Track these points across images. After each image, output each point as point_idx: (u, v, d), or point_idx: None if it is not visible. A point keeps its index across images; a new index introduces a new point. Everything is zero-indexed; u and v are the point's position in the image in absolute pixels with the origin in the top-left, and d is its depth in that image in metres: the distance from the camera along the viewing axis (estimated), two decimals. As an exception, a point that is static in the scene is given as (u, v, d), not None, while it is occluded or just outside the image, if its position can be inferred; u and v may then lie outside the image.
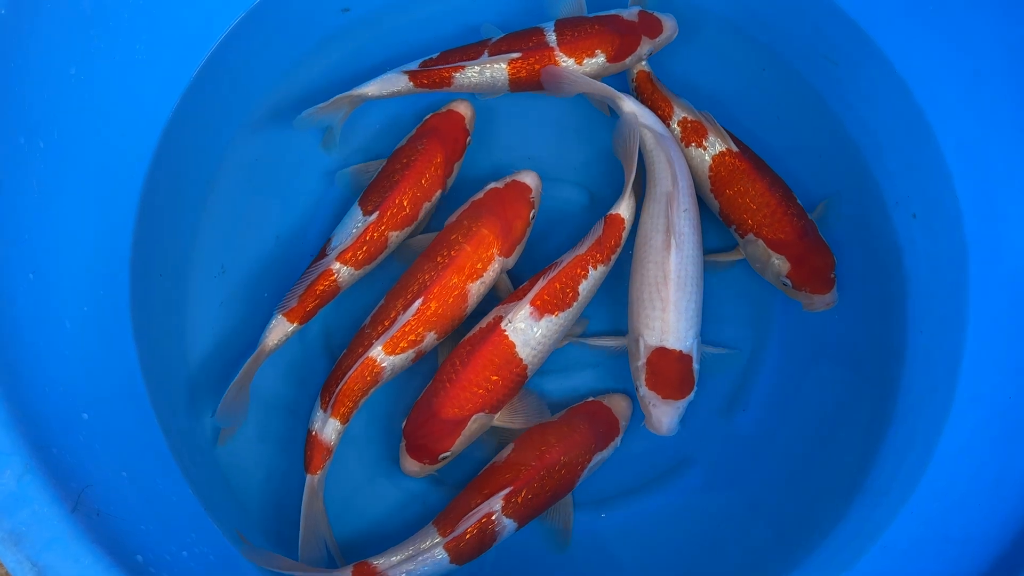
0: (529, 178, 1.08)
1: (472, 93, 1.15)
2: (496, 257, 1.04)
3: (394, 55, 1.17)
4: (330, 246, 1.06)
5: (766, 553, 1.05)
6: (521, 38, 1.11)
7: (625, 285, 1.06)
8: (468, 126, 1.12)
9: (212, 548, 0.93)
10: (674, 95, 1.13)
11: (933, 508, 0.95)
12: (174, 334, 1.08)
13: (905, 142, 1.10)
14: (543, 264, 1.08)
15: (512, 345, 1.00)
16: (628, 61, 1.12)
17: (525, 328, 1.00)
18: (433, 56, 1.12)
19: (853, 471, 1.04)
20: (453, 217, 1.07)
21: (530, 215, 1.07)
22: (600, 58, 1.10)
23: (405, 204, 1.06)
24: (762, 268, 1.09)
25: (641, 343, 1.01)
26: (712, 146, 1.09)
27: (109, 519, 0.77)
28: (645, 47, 1.12)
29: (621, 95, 1.08)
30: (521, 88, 1.12)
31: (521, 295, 1.02)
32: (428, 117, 1.12)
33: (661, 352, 1.00)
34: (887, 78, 1.11)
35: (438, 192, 1.09)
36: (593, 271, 1.03)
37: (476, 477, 1.01)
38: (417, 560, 0.95)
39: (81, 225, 0.97)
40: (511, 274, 1.11)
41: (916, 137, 1.09)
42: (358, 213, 1.07)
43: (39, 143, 0.92)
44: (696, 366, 1.01)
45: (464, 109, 1.12)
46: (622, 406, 1.07)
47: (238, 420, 1.04)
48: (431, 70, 1.10)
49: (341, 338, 1.11)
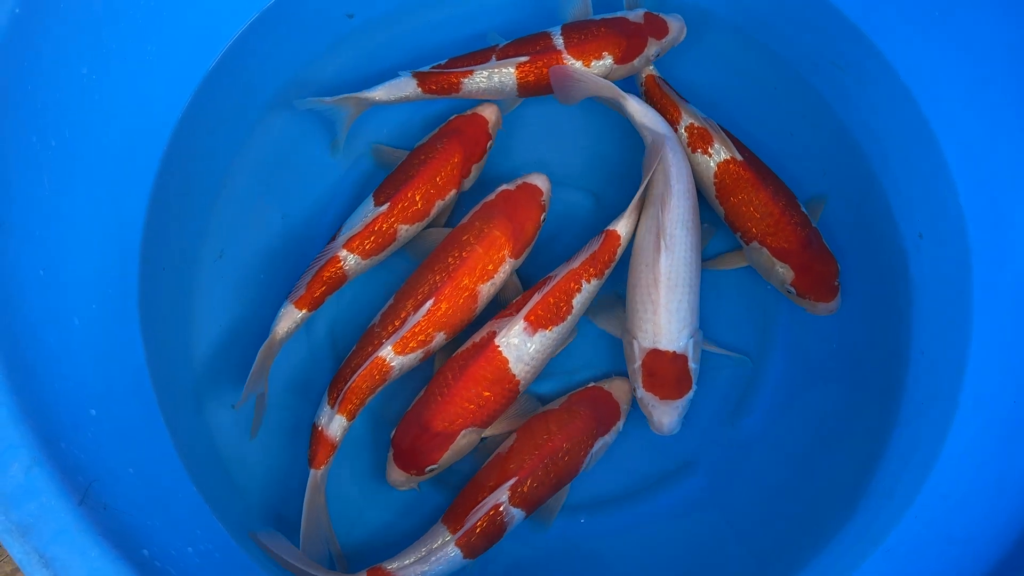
0: (540, 180, 1.09)
1: (481, 99, 1.15)
2: (507, 259, 1.05)
3: (401, 62, 1.18)
4: (340, 235, 1.07)
5: (770, 557, 1.05)
6: (528, 42, 1.11)
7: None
8: (491, 130, 1.12)
9: (216, 545, 0.93)
10: (683, 100, 1.14)
11: (937, 511, 0.95)
12: (181, 332, 1.09)
13: (910, 148, 1.10)
14: (547, 267, 1.08)
15: (505, 361, 1.00)
16: (636, 63, 1.13)
17: (519, 344, 1.00)
18: (441, 63, 1.13)
19: (857, 475, 1.04)
20: (464, 218, 1.08)
21: (540, 217, 1.08)
22: (607, 60, 1.11)
23: (417, 199, 1.07)
24: (767, 275, 1.09)
25: (636, 345, 1.01)
26: (717, 153, 1.10)
27: (116, 513, 0.77)
28: (652, 48, 1.12)
29: (626, 95, 1.09)
30: (529, 92, 1.13)
31: (515, 310, 1.02)
32: (453, 117, 1.13)
33: (655, 354, 1.00)
34: (892, 85, 1.11)
35: (453, 192, 1.10)
36: (587, 285, 1.04)
37: (480, 469, 1.02)
38: (431, 560, 0.95)
39: (91, 223, 0.98)
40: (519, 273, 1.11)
41: (921, 144, 1.09)
42: (370, 204, 1.08)
43: (51, 142, 0.93)
44: (693, 365, 1.01)
45: (490, 113, 1.12)
46: (623, 390, 1.07)
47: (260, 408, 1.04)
48: (439, 75, 1.11)
49: (347, 341, 1.11)
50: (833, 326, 1.12)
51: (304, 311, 1.05)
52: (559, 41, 1.11)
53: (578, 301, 1.03)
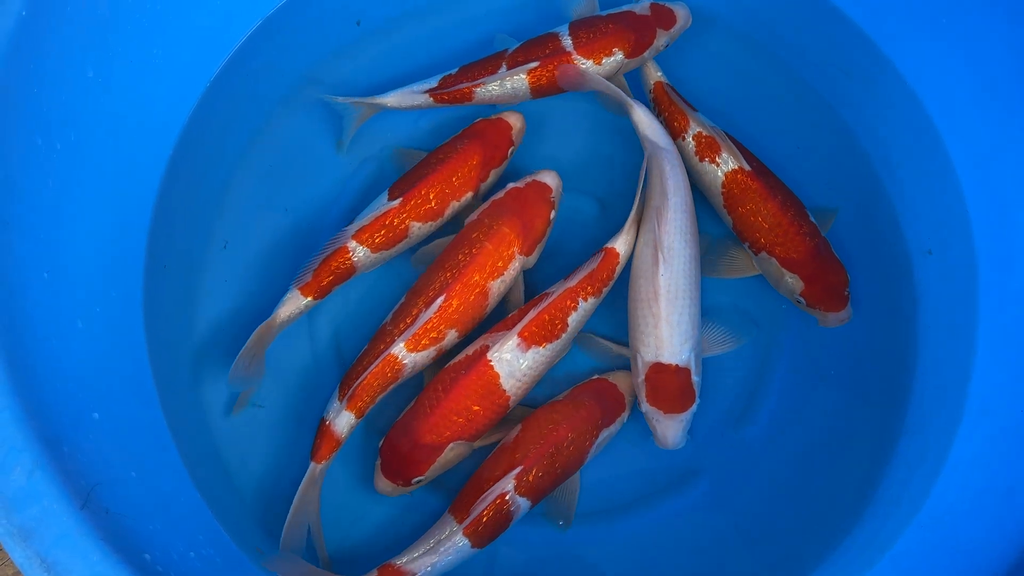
0: (549, 178, 1.09)
1: (495, 105, 1.15)
2: (517, 255, 1.05)
3: (409, 64, 1.18)
4: (352, 225, 1.07)
5: (775, 566, 1.04)
6: (537, 46, 1.11)
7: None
8: (514, 137, 1.12)
9: (218, 550, 0.93)
10: (691, 108, 1.13)
11: (944, 520, 0.95)
12: (185, 335, 1.09)
13: (916, 154, 1.10)
14: (549, 271, 1.08)
15: (496, 376, 1.00)
16: (646, 55, 1.13)
17: (511, 359, 1.00)
18: (452, 72, 1.13)
19: (863, 483, 1.04)
20: (474, 216, 1.07)
21: (550, 214, 1.07)
22: (618, 56, 1.11)
23: (431, 197, 1.07)
24: (776, 285, 1.09)
25: (639, 359, 1.01)
26: (725, 163, 1.09)
27: (118, 517, 0.77)
28: (662, 39, 1.12)
29: (632, 103, 1.08)
30: (543, 94, 1.13)
31: (510, 325, 1.01)
32: (478, 120, 1.13)
33: (658, 367, 1.00)
34: (899, 90, 1.11)
35: (469, 194, 1.09)
36: (583, 303, 1.03)
37: (486, 460, 1.01)
38: (439, 551, 0.95)
39: (96, 226, 0.98)
40: (528, 279, 1.11)
41: (927, 149, 1.09)
42: (384, 198, 1.08)
43: (56, 144, 0.93)
44: (696, 378, 1.00)
45: (515, 120, 1.12)
46: (627, 382, 1.06)
47: (250, 384, 1.05)
48: (452, 90, 1.11)
49: (351, 346, 1.11)
50: (839, 332, 1.11)
51: (309, 298, 1.05)
52: (567, 42, 1.10)
53: (573, 319, 1.03)
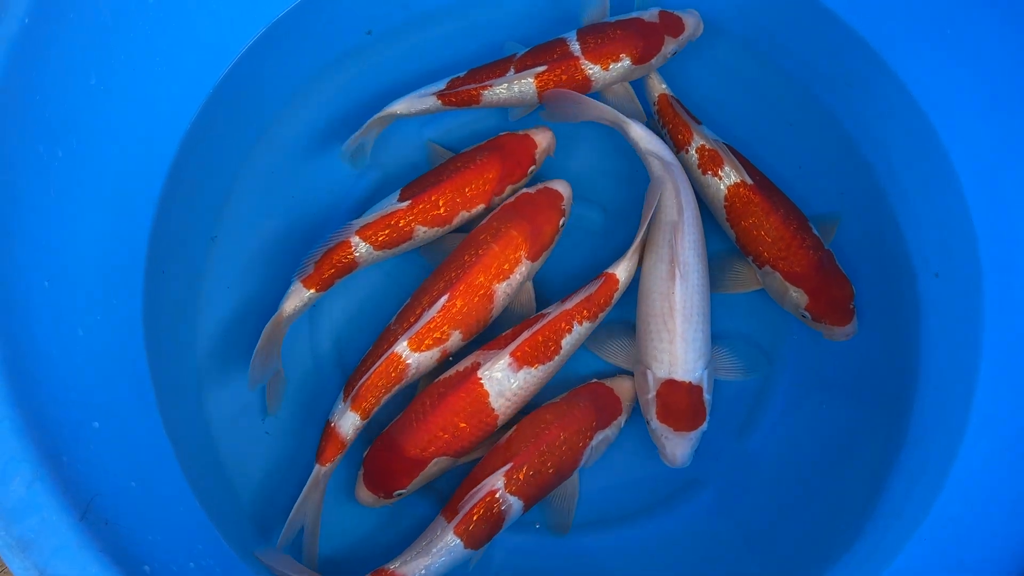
0: (561, 186, 1.08)
1: (502, 108, 1.15)
2: (523, 260, 1.04)
3: (416, 70, 1.18)
4: (358, 220, 1.07)
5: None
6: (545, 51, 1.11)
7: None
8: (538, 155, 1.11)
9: (219, 560, 0.93)
10: (695, 121, 1.13)
11: (946, 533, 0.94)
12: (186, 343, 1.08)
13: (920, 165, 1.10)
14: (549, 277, 1.08)
15: (486, 394, 0.99)
16: (654, 61, 1.13)
17: (502, 378, 0.99)
18: (460, 75, 1.13)
19: (865, 495, 1.03)
20: (483, 220, 1.07)
21: (560, 222, 1.07)
22: (625, 62, 1.11)
23: (441, 204, 1.06)
24: (780, 300, 1.08)
25: (650, 376, 1.00)
26: (727, 176, 1.09)
27: (117, 528, 0.77)
28: (670, 46, 1.12)
29: (628, 121, 1.08)
30: None
31: (503, 343, 1.01)
32: (504, 133, 1.11)
33: (671, 384, 0.99)
34: (902, 101, 1.11)
35: (481, 206, 1.09)
36: (578, 327, 1.03)
37: (479, 462, 1.01)
38: (432, 552, 0.94)
39: (97, 233, 0.98)
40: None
41: (931, 160, 1.08)
42: (394, 197, 1.08)
43: (58, 152, 0.93)
44: (707, 396, 1.00)
45: (541, 139, 1.11)
46: (625, 387, 1.06)
47: (267, 378, 1.04)
48: (459, 91, 1.11)
49: (352, 354, 1.11)
50: (842, 344, 1.11)
51: (312, 291, 1.05)
52: (575, 47, 1.10)
53: (567, 342, 1.02)
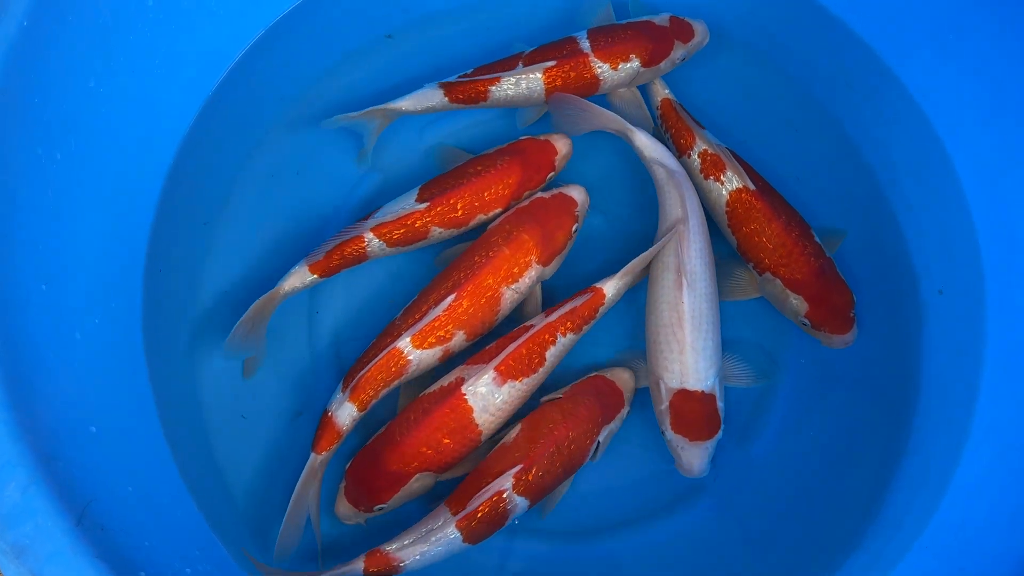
0: (576, 192, 1.08)
1: (508, 114, 1.14)
2: (534, 264, 1.04)
3: (419, 73, 1.17)
4: (374, 216, 1.07)
5: (777, 584, 1.03)
6: (555, 47, 1.11)
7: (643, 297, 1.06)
8: (558, 163, 1.10)
9: (216, 566, 0.93)
10: (698, 126, 1.13)
11: (948, 541, 0.94)
12: (185, 348, 1.08)
13: (923, 171, 1.09)
14: (559, 281, 1.07)
15: (470, 410, 0.98)
16: (663, 66, 1.12)
17: (486, 393, 0.99)
18: (467, 72, 1.12)
19: (866, 502, 1.03)
20: (496, 222, 1.07)
21: (572, 228, 1.06)
22: (635, 63, 1.10)
23: (459, 207, 1.06)
24: (780, 307, 1.08)
25: (662, 386, 1.00)
26: (729, 182, 1.08)
27: (113, 534, 0.77)
28: (678, 52, 1.12)
29: (634, 129, 1.07)
30: None
31: (487, 358, 1.00)
32: (524, 138, 1.11)
33: (683, 394, 0.99)
34: (905, 106, 1.10)
35: (498, 210, 1.08)
36: (562, 338, 1.02)
37: (486, 458, 1.00)
38: (430, 540, 0.94)
39: (95, 237, 0.98)
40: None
41: (934, 166, 1.08)
42: (412, 196, 1.07)
43: (56, 155, 0.93)
44: (721, 404, 1.00)
45: (562, 145, 1.10)
46: (624, 378, 1.05)
47: (246, 354, 1.05)
48: (466, 83, 1.10)
49: (351, 352, 1.10)
50: (843, 351, 1.10)
51: (315, 276, 1.05)
52: (585, 44, 1.10)
53: (551, 354, 1.02)
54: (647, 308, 1.04)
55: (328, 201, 1.17)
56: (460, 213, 1.06)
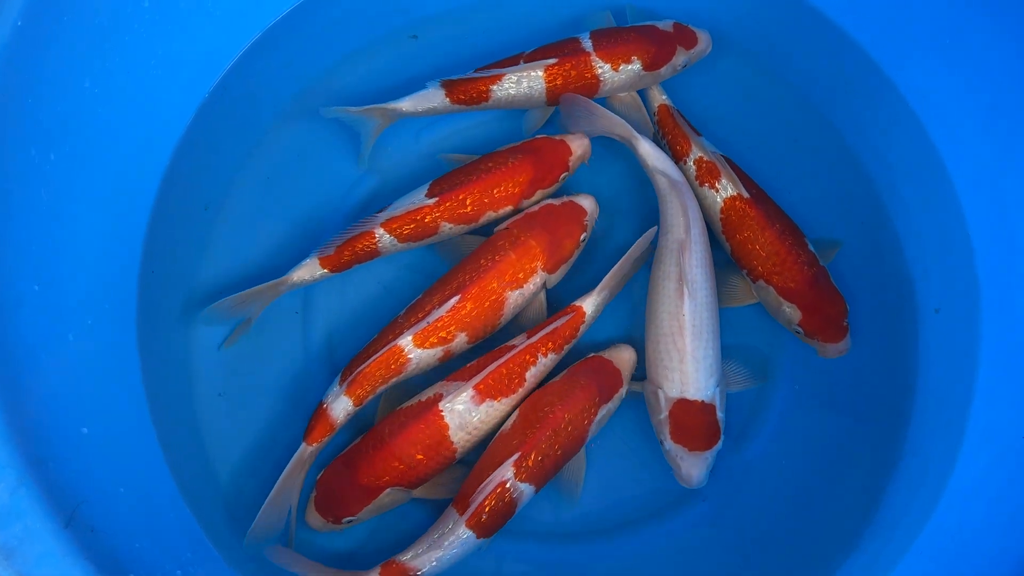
0: (586, 202, 1.08)
1: (509, 119, 1.14)
2: (539, 271, 1.04)
3: (417, 75, 1.17)
4: (384, 211, 1.07)
5: (773, 588, 1.03)
6: (556, 46, 1.11)
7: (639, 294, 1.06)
8: (572, 162, 1.09)
9: (207, 568, 0.92)
10: (695, 133, 1.13)
11: (944, 545, 0.94)
12: (180, 349, 1.08)
13: (919, 178, 1.09)
14: (560, 284, 1.07)
15: (445, 427, 0.98)
16: (664, 71, 1.12)
17: (463, 411, 0.98)
18: (468, 72, 1.12)
19: (862, 506, 1.03)
20: (504, 225, 1.07)
21: (581, 237, 1.06)
22: (636, 65, 1.10)
23: (468, 204, 1.06)
24: (774, 314, 1.08)
25: (661, 395, 0.99)
26: (724, 189, 1.08)
27: (102, 536, 0.77)
28: (680, 58, 1.12)
29: (639, 136, 1.07)
30: (558, 99, 1.12)
31: (467, 376, 1.00)
32: (539, 136, 1.10)
33: (683, 404, 0.98)
34: (902, 114, 1.10)
35: (508, 208, 1.08)
36: (543, 359, 1.02)
37: (485, 451, 1.00)
38: (443, 545, 0.94)
39: (90, 238, 0.98)
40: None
41: (930, 173, 1.08)
42: (423, 192, 1.07)
43: (50, 155, 0.92)
44: (721, 414, 0.99)
45: (577, 145, 1.09)
46: (623, 357, 1.05)
47: (223, 322, 1.07)
48: (467, 83, 1.10)
49: (344, 353, 1.10)
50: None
51: (325, 270, 1.06)
52: (588, 44, 1.10)
53: (531, 374, 1.01)
54: (647, 317, 1.03)
55: (325, 203, 1.17)
56: (469, 209, 1.06)
